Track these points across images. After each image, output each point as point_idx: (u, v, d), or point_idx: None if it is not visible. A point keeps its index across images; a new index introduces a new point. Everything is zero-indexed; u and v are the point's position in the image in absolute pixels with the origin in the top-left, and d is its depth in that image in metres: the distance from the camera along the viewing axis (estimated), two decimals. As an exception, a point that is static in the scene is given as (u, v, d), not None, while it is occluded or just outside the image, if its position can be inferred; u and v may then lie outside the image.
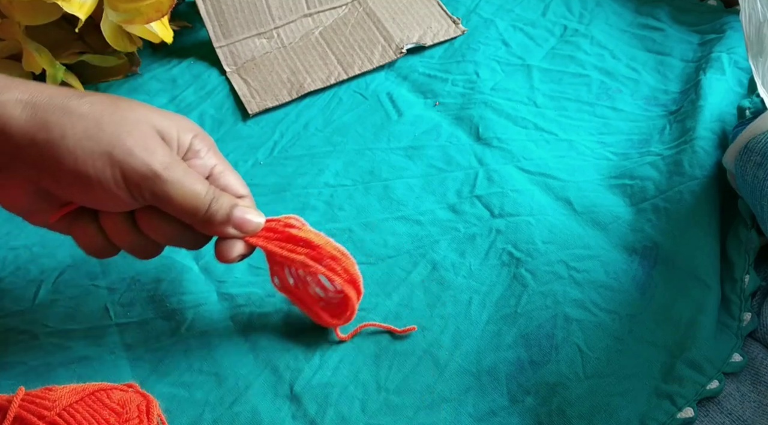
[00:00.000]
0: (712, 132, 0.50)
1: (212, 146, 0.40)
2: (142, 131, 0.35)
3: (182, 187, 0.36)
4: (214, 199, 0.37)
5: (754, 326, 0.41)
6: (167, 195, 0.35)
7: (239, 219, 0.38)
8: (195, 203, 0.36)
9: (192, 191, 0.36)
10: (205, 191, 0.37)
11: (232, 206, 0.38)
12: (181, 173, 0.36)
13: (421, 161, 0.54)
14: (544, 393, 0.40)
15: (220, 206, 0.37)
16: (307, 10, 0.66)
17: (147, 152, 0.35)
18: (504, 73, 0.60)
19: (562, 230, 0.47)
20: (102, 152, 0.34)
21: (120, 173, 0.34)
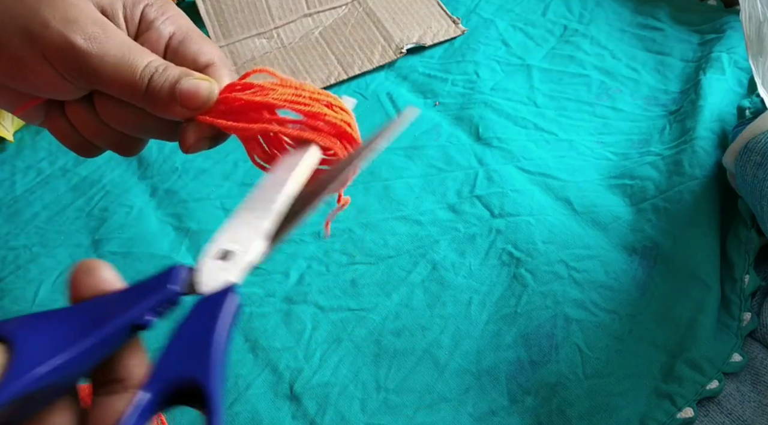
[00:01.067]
0: (712, 132, 0.50)
1: (174, 13, 0.34)
2: (70, 1, 0.31)
3: (111, 60, 0.30)
4: (156, 72, 0.31)
5: (754, 326, 0.41)
6: (95, 72, 0.30)
7: (186, 92, 0.31)
8: (130, 78, 0.31)
9: (125, 64, 0.31)
10: (144, 63, 0.31)
11: (180, 75, 0.31)
12: (109, 44, 0.31)
13: (421, 161, 0.54)
14: (544, 392, 0.40)
15: (164, 79, 0.31)
16: (307, 10, 0.66)
17: (65, 21, 0.30)
18: (504, 73, 0.60)
19: (562, 230, 0.47)
20: (19, 26, 0.30)
21: (39, 52, 0.30)
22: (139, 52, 0.31)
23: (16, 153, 0.59)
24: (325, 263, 0.48)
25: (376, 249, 0.48)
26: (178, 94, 0.31)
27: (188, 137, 0.32)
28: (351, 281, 0.47)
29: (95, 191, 0.55)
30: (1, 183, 0.57)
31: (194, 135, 0.32)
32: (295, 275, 0.47)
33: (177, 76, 0.31)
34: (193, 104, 0.32)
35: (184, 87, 0.31)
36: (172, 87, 0.31)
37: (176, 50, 0.33)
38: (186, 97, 0.31)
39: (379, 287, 0.46)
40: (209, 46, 0.34)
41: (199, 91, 0.32)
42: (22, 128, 0.61)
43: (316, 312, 0.45)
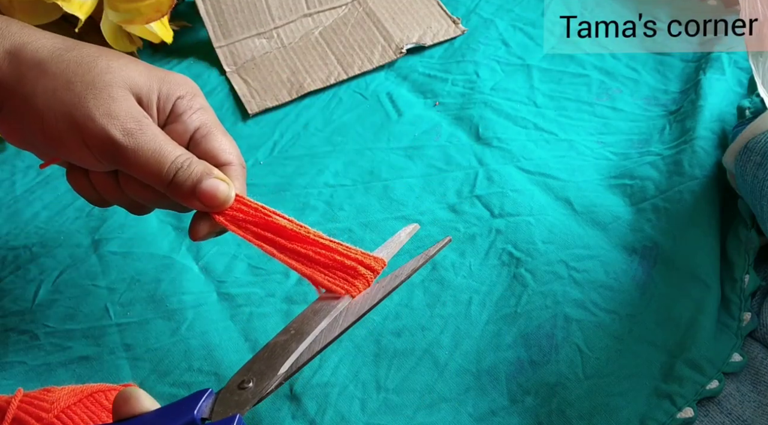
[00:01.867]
0: (712, 132, 0.50)
1: (201, 107, 0.37)
2: (111, 93, 0.34)
3: (144, 153, 0.34)
4: (182, 168, 0.34)
5: (754, 326, 0.41)
6: (128, 163, 0.34)
7: (206, 191, 0.35)
8: (158, 171, 0.34)
9: (155, 158, 0.34)
10: (173, 158, 0.34)
11: (202, 175, 0.35)
12: (143, 139, 0.34)
13: (421, 161, 0.54)
14: (544, 393, 0.40)
15: (188, 175, 0.34)
16: (307, 10, 0.66)
17: (108, 117, 0.33)
18: (504, 73, 0.60)
19: (562, 230, 0.47)
20: (65, 113, 0.33)
21: (80, 137, 0.34)
22: (169, 147, 0.35)
23: (16, 153, 0.59)
24: (325, 263, 0.48)
25: (376, 249, 0.48)
26: (199, 192, 0.35)
27: (200, 229, 0.36)
28: (351, 281, 0.47)
29: (95, 191, 0.55)
30: (1, 183, 0.57)
31: (206, 228, 0.36)
32: (295, 275, 0.47)
33: (199, 175, 0.35)
34: (210, 204, 0.35)
35: (204, 187, 0.35)
36: (194, 185, 0.34)
37: (198, 144, 0.37)
38: (205, 197, 0.35)
39: (379, 287, 0.46)
40: (229, 144, 0.37)
41: (218, 192, 0.35)
42: (22, 128, 0.61)
43: (316, 312, 0.45)
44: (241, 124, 0.59)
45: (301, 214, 0.51)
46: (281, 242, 0.36)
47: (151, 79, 0.36)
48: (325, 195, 0.52)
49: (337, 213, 0.51)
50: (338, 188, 0.53)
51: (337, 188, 0.53)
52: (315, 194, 0.52)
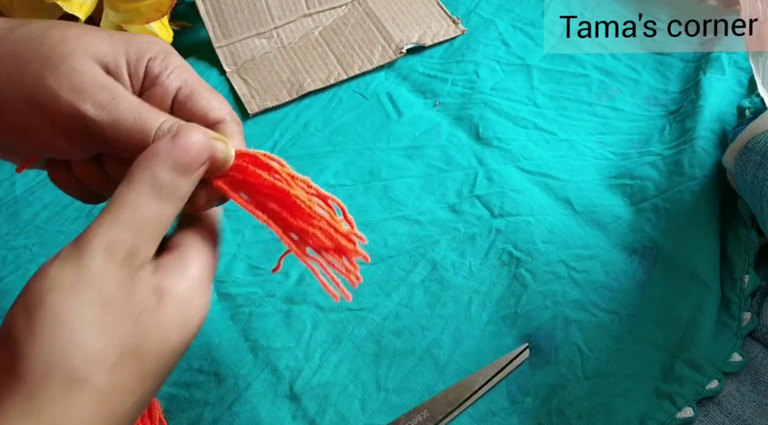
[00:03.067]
0: (712, 132, 0.50)
1: (178, 65, 0.33)
2: (72, 64, 0.29)
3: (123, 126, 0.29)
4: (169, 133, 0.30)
5: (754, 326, 0.41)
6: (107, 138, 0.29)
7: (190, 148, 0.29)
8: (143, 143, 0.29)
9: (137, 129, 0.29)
10: (156, 125, 0.30)
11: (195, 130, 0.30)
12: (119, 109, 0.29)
13: (421, 161, 0.54)
14: (544, 393, 0.40)
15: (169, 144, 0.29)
16: (307, 10, 0.66)
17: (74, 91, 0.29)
18: (504, 73, 0.60)
19: (561, 230, 0.47)
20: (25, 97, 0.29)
21: (48, 121, 0.29)
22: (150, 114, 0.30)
23: (16, 153, 0.59)
24: (325, 263, 0.48)
25: (376, 249, 0.48)
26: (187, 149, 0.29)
27: (199, 199, 0.31)
28: (351, 281, 0.47)
29: (95, 191, 0.55)
30: (1, 183, 0.57)
31: (205, 197, 0.32)
32: (295, 275, 0.47)
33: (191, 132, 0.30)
34: (209, 167, 0.30)
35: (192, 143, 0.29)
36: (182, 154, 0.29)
37: (183, 105, 0.32)
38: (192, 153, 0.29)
39: (379, 287, 0.46)
40: (218, 101, 0.33)
41: (216, 153, 0.30)
42: (22, 128, 0.61)
43: (316, 312, 0.45)
44: (241, 124, 0.59)
45: (301, 214, 0.51)
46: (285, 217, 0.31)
47: (115, 44, 0.31)
48: (325, 195, 0.52)
49: (337, 213, 0.51)
50: (338, 188, 0.53)
51: (337, 188, 0.53)
52: (315, 194, 0.52)
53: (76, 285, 0.24)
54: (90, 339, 0.23)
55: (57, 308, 0.23)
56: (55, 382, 0.22)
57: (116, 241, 0.26)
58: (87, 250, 0.25)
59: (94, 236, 0.26)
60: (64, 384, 0.22)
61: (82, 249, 0.25)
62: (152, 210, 0.27)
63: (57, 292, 0.23)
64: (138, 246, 0.26)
